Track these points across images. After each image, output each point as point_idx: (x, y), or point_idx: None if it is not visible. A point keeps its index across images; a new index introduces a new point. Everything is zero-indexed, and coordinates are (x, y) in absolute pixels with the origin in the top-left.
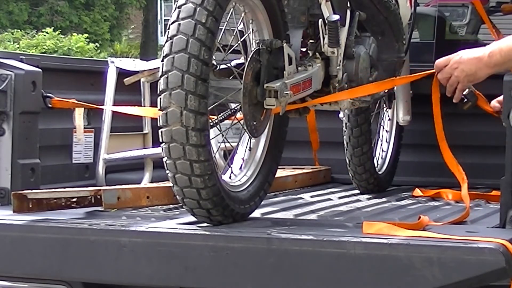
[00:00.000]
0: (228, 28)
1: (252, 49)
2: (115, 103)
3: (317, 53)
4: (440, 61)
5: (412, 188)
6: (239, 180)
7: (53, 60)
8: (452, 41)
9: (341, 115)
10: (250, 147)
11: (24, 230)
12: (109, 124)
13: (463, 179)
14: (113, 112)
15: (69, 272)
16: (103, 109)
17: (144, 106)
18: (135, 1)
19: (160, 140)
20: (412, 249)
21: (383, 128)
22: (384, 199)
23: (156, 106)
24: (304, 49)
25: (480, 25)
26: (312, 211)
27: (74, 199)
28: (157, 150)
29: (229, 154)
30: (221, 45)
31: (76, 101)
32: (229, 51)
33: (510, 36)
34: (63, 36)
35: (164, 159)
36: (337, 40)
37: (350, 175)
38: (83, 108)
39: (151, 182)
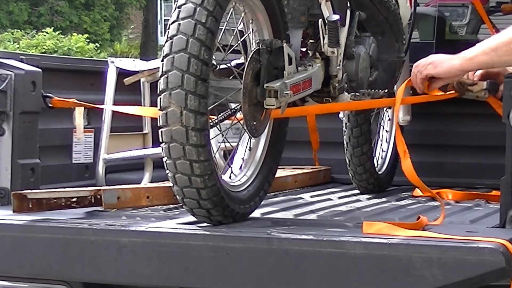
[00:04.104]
0: (228, 28)
1: (252, 49)
2: (115, 103)
3: (317, 53)
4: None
5: (412, 188)
6: (239, 180)
7: (53, 60)
8: (452, 41)
9: (341, 115)
10: (250, 147)
11: (24, 230)
12: (109, 124)
13: (405, 152)
14: (113, 112)
15: (69, 272)
16: (103, 109)
17: (144, 106)
18: (135, 1)
19: (160, 140)
20: (412, 249)
21: (383, 128)
22: (384, 199)
23: (156, 106)
24: (304, 49)
25: (480, 25)
26: (312, 211)
27: (74, 199)
28: (157, 150)
29: (229, 154)
30: (221, 45)
31: (76, 101)
32: (229, 51)
33: (490, 39)
34: (63, 36)
35: (164, 159)
36: (337, 40)
37: (350, 175)
38: (83, 108)
39: (151, 182)
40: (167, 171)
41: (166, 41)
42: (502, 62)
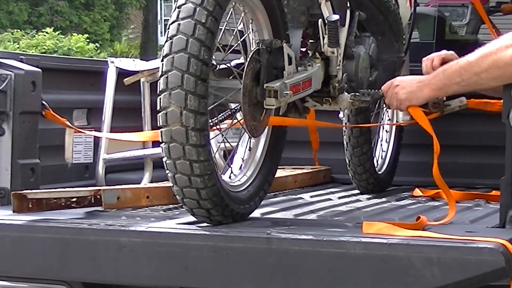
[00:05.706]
0: (228, 28)
1: (252, 49)
2: (115, 103)
3: (317, 53)
4: (385, 85)
5: (412, 188)
6: (239, 180)
7: (53, 60)
8: (452, 41)
9: (341, 115)
10: (250, 147)
11: (24, 230)
12: (109, 124)
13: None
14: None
15: (69, 272)
16: (102, 111)
17: (144, 106)
18: (135, 1)
19: (160, 140)
20: (412, 249)
21: (383, 128)
22: (384, 199)
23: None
24: (304, 49)
25: (480, 25)
26: (312, 211)
27: (74, 199)
28: (157, 150)
29: (229, 154)
30: (221, 45)
31: (67, 122)
32: (229, 51)
33: (456, 61)
34: (63, 36)
35: (164, 159)
36: (337, 40)
37: (350, 175)
38: (72, 129)
39: (151, 182)
40: (167, 171)
41: (166, 41)
42: (470, 89)
